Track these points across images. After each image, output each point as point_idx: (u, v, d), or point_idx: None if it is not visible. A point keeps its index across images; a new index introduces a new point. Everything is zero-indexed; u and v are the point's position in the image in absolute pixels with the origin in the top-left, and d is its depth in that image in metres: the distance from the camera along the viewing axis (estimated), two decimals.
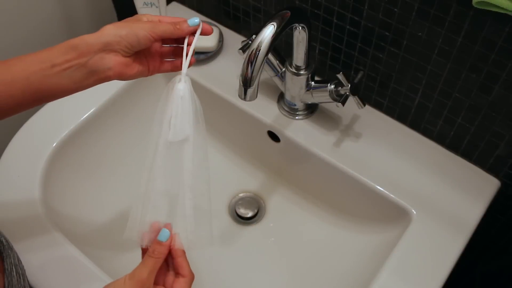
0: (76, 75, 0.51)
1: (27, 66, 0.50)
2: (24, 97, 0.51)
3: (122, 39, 0.51)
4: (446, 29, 0.63)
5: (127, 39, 0.51)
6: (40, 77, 0.50)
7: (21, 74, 0.50)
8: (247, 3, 0.84)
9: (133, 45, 0.52)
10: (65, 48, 0.51)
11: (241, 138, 0.89)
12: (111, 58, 0.52)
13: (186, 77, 0.55)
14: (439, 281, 0.65)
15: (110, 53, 0.52)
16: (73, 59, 0.51)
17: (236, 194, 0.88)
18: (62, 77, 0.51)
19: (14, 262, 0.58)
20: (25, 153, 0.78)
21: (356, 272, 0.74)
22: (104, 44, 0.51)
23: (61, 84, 0.51)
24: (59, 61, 0.50)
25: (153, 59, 0.57)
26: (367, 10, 0.68)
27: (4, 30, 0.92)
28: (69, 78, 0.51)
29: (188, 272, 0.54)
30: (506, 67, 0.61)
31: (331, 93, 0.74)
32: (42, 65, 0.50)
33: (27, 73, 0.50)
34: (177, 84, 0.54)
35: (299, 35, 0.68)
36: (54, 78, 0.51)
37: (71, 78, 0.51)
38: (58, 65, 0.50)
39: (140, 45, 0.53)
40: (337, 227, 0.82)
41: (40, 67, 0.50)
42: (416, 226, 0.70)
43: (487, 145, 0.71)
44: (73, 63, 0.51)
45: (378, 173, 0.75)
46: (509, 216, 0.78)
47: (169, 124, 0.54)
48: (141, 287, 0.49)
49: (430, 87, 0.71)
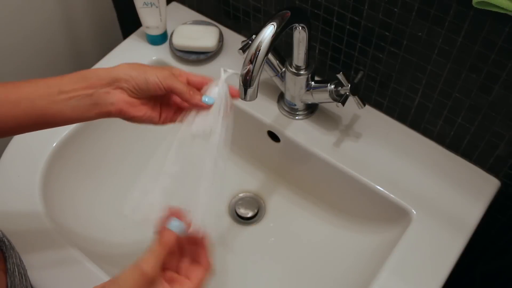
0: (79, 104, 0.51)
1: (35, 89, 0.51)
2: (25, 119, 0.51)
3: (131, 79, 0.52)
4: (446, 29, 0.63)
5: (136, 80, 0.52)
6: (45, 102, 0.51)
7: (27, 95, 0.50)
8: (247, 3, 0.84)
9: (141, 88, 0.52)
10: (76, 77, 0.52)
11: (241, 138, 0.89)
12: (116, 94, 0.52)
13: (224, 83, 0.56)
14: (439, 281, 0.65)
15: (116, 89, 0.52)
16: (81, 89, 0.51)
17: (236, 194, 0.88)
18: (66, 105, 0.51)
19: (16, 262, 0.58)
20: (25, 153, 0.78)
21: (356, 272, 0.74)
22: (113, 79, 0.52)
23: (64, 112, 0.51)
24: (66, 89, 0.51)
25: (168, 108, 0.57)
26: (367, 10, 0.68)
27: (4, 30, 0.92)
28: (72, 106, 0.51)
29: (206, 261, 0.53)
30: (506, 67, 0.61)
31: (331, 93, 0.74)
32: (49, 90, 0.51)
33: (33, 95, 0.50)
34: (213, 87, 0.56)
35: (299, 35, 0.68)
36: (58, 105, 0.51)
37: (74, 107, 0.52)
38: (65, 93, 0.51)
39: (149, 90, 0.53)
40: (337, 227, 0.82)
41: (47, 92, 0.51)
42: (416, 226, 0.70)
43: (487, 145, 0.71)
44: (79, 92, 0.51)
45: (378, 173, 0.75)
46: (509, 216, 0.78)
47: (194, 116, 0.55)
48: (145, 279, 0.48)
49: (430, 87, 0.71)
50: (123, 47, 0.92)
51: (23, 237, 0.69)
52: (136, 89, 0.53)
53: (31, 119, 0.51)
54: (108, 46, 0.96)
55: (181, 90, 0.54)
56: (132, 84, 0.52)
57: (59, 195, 0.77)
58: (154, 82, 0.52)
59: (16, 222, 0.71)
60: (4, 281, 0.54)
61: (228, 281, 0.79)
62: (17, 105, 0.50)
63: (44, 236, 0.70)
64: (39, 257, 0.68)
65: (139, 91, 0.53)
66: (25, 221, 0.71)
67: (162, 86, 0.53)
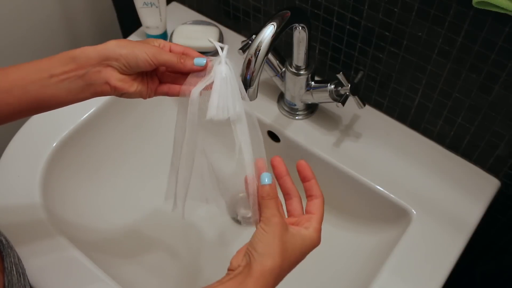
0: (73, 86, 0.51)
1: (25, 74, 0.51)
2: (20, 105, 0.51)
3: (121, 57, 0.52)
4: (446, 29, 0.63)
5: (126, 59, 0.52)
6: (37, 87, 0.50)
7: (19, 82, 0.50)
8: (247, 3, 0.84)
9: (131, 65, 0.52)
10: (64, 59, 0.51)
11: None
12: (108, 72, 0.52)
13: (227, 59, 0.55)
14: (439, 281, 0.65)
15: (107, 68, 0.52)
16: (71, 70, 0.51)
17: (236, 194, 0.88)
18: (59, 88, 0.51)
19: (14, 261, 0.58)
20: (25, 153, 0.78)
21: (356, 272, 0.74)
22: (103, 58, 0.51)
23: (58, 95, 0.51)
24: (57, 72, 0.51)
25: (152, 80, 0.57)
26: (367, 10, 0.68)
27: (4, 30, 0.92)
28: (66, 89, 0.51)
29: (320, 193, 0.54)
30: (506, 67, 0.61)
31: (331, 93, 0.74)
32: (40, 75, 0.50)
33: (25, 82, 0.50)
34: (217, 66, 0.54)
35: (299, 35, 0.68)
36: (51, 89, 0.51)
37: (68, 89, 0.51)
38: (56, 76, 0.51)
39: (139, 67, 0.53)
40: (337, 227, 0.82)
41: (38, 77, 0.50)
42: (416, 226, 0.70)
43: (487, 145, 0.71)
44: (70, 74, 0.51)
45: (378, 173, 0.75)
46: (509, 216, 0.78)
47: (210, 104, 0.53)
48: (281, 228, 0.48)
49: (430, 87, 0.71)
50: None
51: (23, 236, 0.69)
52: (126, 67, 0.52)
53: (25, 105, 0.51)
54: None
55: (172, 62, 0.54)
56: (123, 62, 0.52)
57: (59, 195, 0.77)
58: (144, 59, 0.52)
59: (16, 222, 0.71)
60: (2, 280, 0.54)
61: None
62: (10, 93, 0.50)
63: (44, 237, 0.70)
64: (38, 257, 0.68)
65: (129, 69, 0.53)
66: (25, 220, 0.71)
67: (152, 62, 0.53)
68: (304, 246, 0.50)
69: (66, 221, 0.75)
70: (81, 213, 0.80)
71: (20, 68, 0.51)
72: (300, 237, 0.50)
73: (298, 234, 0.50)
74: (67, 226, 0.74)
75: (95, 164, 0.84)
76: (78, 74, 0.51)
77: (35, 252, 0.68)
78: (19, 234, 0.69)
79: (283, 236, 0.48)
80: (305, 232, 0.50)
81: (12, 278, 0.56)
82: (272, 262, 0.47)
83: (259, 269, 0.47)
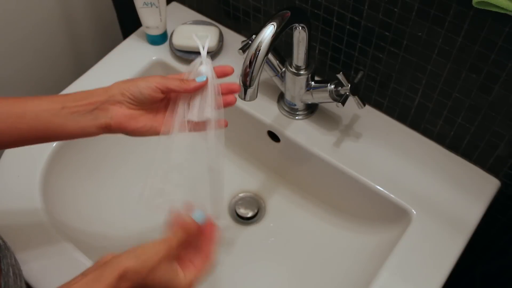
0: (81, 119, 0.54)
1: (38, 103, 0.54)
2: (29, 132, 0.54)
3: (125, 91, 0.55)
4: (446, 29, 0.63)
5: (130, 91, 0.55)
6: (48, 115, 0.53)
7: (32, 109, 0.53)
8: (247, 3, 0.84)
9: (136, 96, 0.55)
10: (79, 95, 0.55)
11: (241, 138, 0.89)
12: (115, 109, 0.55)
13: (207, 59, 0.57)
14: (439, 281, 0.65)
15: (115, 104, 0.55)
16: (83, 105, 0.55)
17: (236, 194, 0.88)
18: (68, 119, 0.54)
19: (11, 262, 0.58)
20: (25, 153, 0.78)
21: (356, 272, 0.74)
22: (110, 95, 0.55)
23: (67, 125, 0.54)
24: (69, 105, 0.54)
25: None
26: (367, 10, 0.68)
27: (4, 30, 0.92)
28: (75, 121, 0.54)
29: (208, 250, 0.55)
30: (506, 67, 0.61)
31: (331, 93, 0.74)
32: (53, 105, 0.54)
33: (37, 109, 0.53)
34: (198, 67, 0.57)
35: (299, 35, 0.68)
36: (61, 118, 0.54)
37: (77, 121, 0.54)
38: (67, 108, 0.54)
39: (144, 97, 0.55)
40: (337, 227, 0.82)
41: (51, 107, 0.54)
42: (416, 226, 0.70)
43: (487, 145, 0.71)
44: (81, 108, 0.54)
45: (378, 173, 0.75)
46: (509, 216, 0.78)
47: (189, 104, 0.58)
48: (168, 254, 0.50)
49: (430, 87, 0.71)
50: (123, 47, 0.92)
51: (23, 237, 0.69)
52: (132, 100, 0.55)
53: (34, 132, 0.54)
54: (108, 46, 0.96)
55: (177, 84, 0.56)
56: (127, 95, 0.55)
57: (59, 195, 0.77)
58: (147, 87, 0.55)
59: (16, 223, 0.71)
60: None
61: (228, 281, 0.79)
62: (22, 118, 0.53)
63: (44, 237, 0.70)
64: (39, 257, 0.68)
65: (135, 101, 0.56)
66: (25, 221, 0.71)
67: (155, 87, 0.55)
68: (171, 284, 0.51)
69: (66, 221, 0.75)
70: (81, 213, 0.80)
71: (35, 98, 0.55)
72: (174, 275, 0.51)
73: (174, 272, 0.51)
74: (67, 226, 0.74)
75: (95, 164, 0.84)
76: (89, 108, 0.54)
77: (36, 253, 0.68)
78: (18, 235, 0.69)
79: (164, 260, 0.50)
80: (181, 276, 0.52)
81: (9, 279, 0.56)
82: (139, 266, 0.48)
83: (123, 265, 0.48)
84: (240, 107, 0.82)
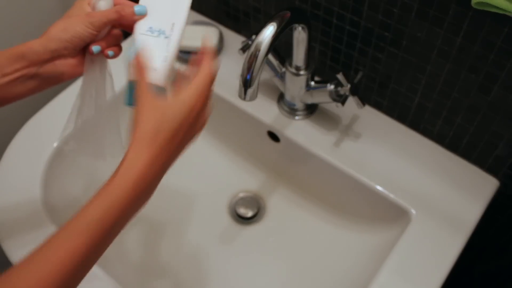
0: (29, 83, 0.51)
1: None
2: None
3: (67, 43, 0.51)
4: (445, 29, 0.63)
5: (72, 43, 0.51)
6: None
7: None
8: (247, 3, 0.84)
9: (80, 45, 0.51)
10: (13, 56, 0.51)
11: (241, 138, 0.89)
12: (63, 63, 0.52)
13: None
14: (438, 281, 0.65)
15: (60, 59, 0.51)
16: (23, 68, 0.50)
17: (236, 194, 0.88)
18: (15, 86, 0.51)
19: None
20: (26, 154, 0.78)
21: (356, 271, 0.75)
22: (52, 51, 0.51)
23: (16, 91, 0.51)
24: (8, 71, 0.50)
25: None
26: (366, 10, 0.68)
27: (4, 30, 0.92)
28: (23, 86, 0.51)
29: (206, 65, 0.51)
30: (505, 67, 0.61)
31: (331, 93, 0.74)
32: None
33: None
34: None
35: (299, 36, 0.69)
36: (7, 87, 0.50)
37: (25, 86, 0.51)
38: (8, 75, 0.50)
39: (85, 43, 0.52)
40: (336, 227, 0.82)
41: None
42: (416, 226, 0.70)
43: (486, 145, 0.72)
44: (23, 72, 0.50)
45: (377, 173, 0.75)
46: (508, 216, 0.79)
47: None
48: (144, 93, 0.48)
49: (429, 87, 0.71)
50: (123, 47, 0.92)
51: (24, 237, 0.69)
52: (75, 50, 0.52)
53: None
54: None
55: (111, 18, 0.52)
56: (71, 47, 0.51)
57: (60, 196, 0.77)
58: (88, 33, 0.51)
59: (17, 222, 0.71)
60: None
61: (228, 281, 0.79)
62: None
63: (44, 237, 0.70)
64: None
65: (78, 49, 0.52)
66: (26, 221, 0.71)
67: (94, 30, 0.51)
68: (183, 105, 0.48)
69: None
70: None
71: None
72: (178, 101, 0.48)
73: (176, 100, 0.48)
74: None
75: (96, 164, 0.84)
76: (31, 71, 0.51)
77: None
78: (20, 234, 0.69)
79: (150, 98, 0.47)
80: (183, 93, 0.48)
81: None
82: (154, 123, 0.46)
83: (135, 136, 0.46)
84: (240, 107, 0.82)
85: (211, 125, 0.91)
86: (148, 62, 0.50)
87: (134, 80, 0.50)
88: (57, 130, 0.79)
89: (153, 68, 0.52)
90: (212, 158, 0.90)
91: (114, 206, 0.44)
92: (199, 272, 0.80)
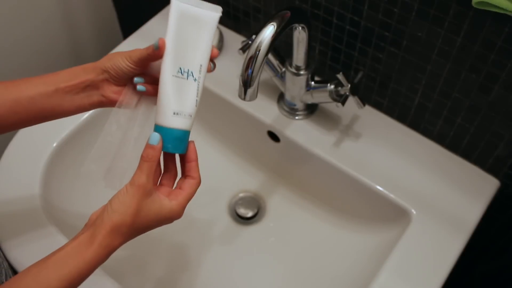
0: (75, 98, 0.56)
1: (33, 87, 0.55)
2: (27, 114, 0.55)
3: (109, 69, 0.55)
4: (446, 29, 0.63)
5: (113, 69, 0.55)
6: (44, 98, 0.55)
7: (26, 93, 0.55)
8: (247, 3, 0.84)
9: (119, 74, 0.56)
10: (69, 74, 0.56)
11: (241, 138, 0.89)
12: (104, 86, 0.56)
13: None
14: (438, 281, 0.65)
15: (104, 81, 0.56)
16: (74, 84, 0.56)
17: (236, 194, 0.88)
18: (63, 100, 0.56)
19: None
20: (26, 153, 0.78)
21: (356, 272, 0.75)
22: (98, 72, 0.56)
23: (62, 106, 0.56)
24: (62, 86, 0.55)
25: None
26: (367, 10, 0.68)
27: (4, 30, 0.92)
28: (69, 101, 0.56)
29: (198, 176, 0.56)
30: (505, 67, 0.61)
31: (331, 93, 0.74)
32: (47, 88, 0.55)
33: (32, 93, 0.55)
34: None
35: (299, 35, 0.68)
36: (56, 100, 0.55)
37: (71, 100, 0.56)
38: (61, 89, 0.55)
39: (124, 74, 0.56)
40: (337, 227, 0.82)
41: (45, 90, 0.55)
42: (416, 226, 0.70)
43: (486, 145, 0.72)
44: (74, 88, 0.56)
45: (377, 173, 0.75)
46: (508, 216, 0.78)
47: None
48: (143, 191, 0.51)
49: (429, 87, 0.71)
50: (123, 47, 0.92)
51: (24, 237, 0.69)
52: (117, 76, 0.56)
53: (32, 114, 0.55)
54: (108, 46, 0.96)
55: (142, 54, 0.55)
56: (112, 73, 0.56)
57: (60, 196, 0.77)
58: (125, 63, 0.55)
59: (17, 222, 0.71)
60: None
61: (228, 281, 0.79)
62: (18, 102, 0.54)
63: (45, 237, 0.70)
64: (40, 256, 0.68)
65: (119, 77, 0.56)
66: (26, 221, 0.71)
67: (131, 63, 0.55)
68: (161, 215, 0.52)
69: (68, 221, 0.75)
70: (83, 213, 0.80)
71: (29, 81, 0.56)
72: (159, 205, 0.52)
73: (159, 202, 0.52)
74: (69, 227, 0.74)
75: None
76: (80, 87, 0.56)
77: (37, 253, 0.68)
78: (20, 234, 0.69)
79: (142, 199, 0.50)
80: (167, 202, 0.52)
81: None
82: (121, 220, 0.49)
83: (108, 224, 0.49)
84: (240, 107, 0.82)
85: (211, 125, 0.91)
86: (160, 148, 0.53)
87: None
88: (57, 130, 0.79)
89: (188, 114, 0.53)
90: (212, 158, 0.90)
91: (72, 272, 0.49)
92: (199, 272, 0.80)
